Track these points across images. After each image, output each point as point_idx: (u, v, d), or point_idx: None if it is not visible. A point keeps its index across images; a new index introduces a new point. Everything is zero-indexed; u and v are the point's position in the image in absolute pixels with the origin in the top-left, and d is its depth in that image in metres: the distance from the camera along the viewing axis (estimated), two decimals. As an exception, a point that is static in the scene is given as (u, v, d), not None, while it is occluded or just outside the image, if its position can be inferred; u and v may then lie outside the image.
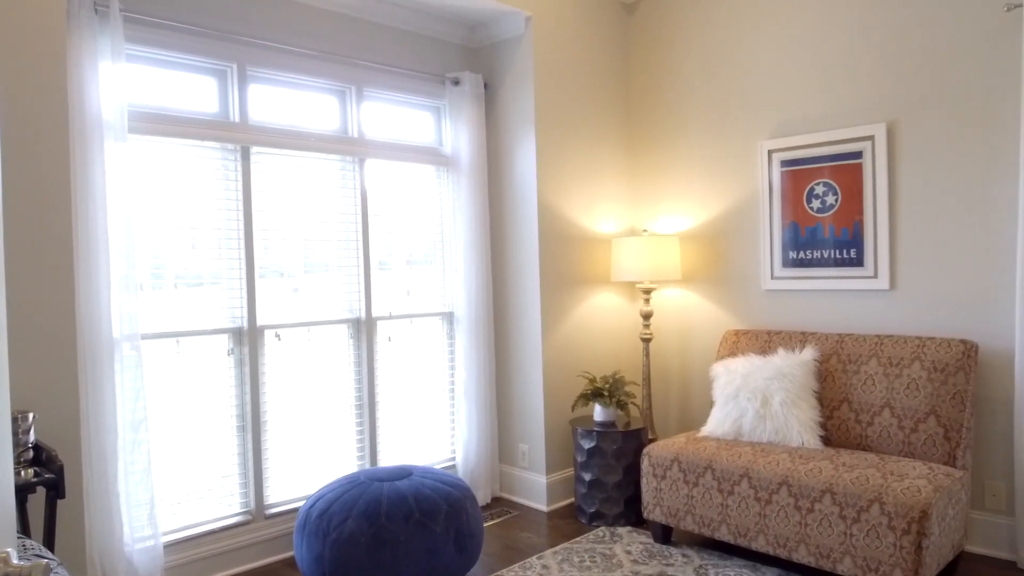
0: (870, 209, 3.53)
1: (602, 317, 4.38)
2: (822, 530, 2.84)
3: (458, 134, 4.10)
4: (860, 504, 2.75)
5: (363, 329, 3.80)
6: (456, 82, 4.09)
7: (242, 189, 3.35)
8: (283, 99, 3.54)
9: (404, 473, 3.08)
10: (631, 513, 3.75)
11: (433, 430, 4.16)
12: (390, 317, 3.93)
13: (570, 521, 3.85)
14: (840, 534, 2.79)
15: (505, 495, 4.27)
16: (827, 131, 3.66)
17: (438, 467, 4.12)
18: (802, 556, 2.91)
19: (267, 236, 3.46)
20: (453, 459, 4.20)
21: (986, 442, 3.25)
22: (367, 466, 3.82)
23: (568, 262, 4.18)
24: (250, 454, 3.37)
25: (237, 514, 3.36)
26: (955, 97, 3.29)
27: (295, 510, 3.51)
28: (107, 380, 2.81)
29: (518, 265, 4.14)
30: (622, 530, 3.66)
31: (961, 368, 3.07)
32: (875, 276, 3.53)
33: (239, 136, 3.32)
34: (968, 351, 3.09)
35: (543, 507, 4.04)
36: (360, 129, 3.79)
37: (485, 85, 4.22)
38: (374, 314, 3.85)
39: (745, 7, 3.98)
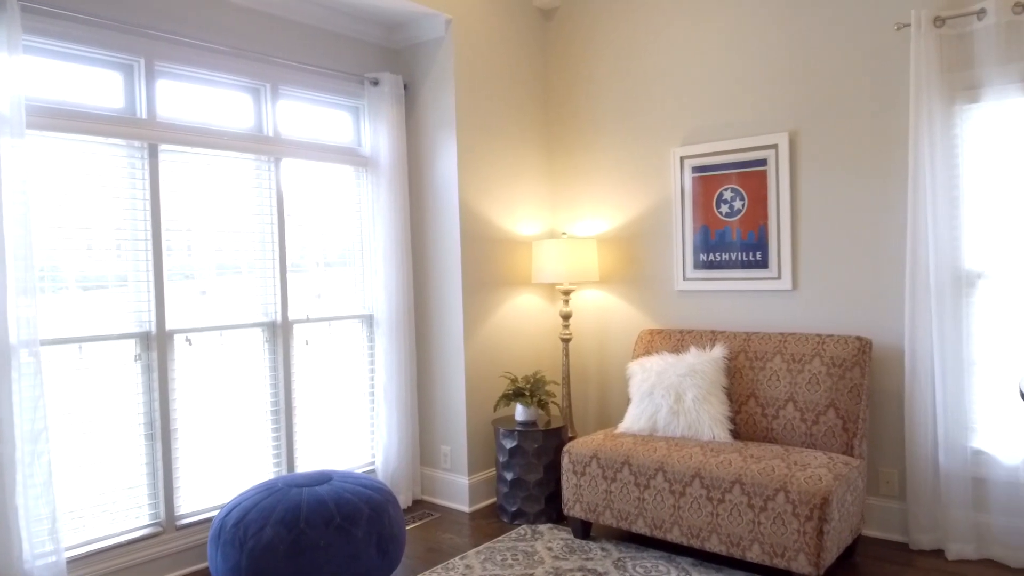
0: (774, 214, 3.72)
1: (523, 318, 4.43)
2: (732, 519, 2.97)
3: (377, 135, 4.07)
4: (767, 493, 2.89)
5: (279, 333, 3.71)
6: (375, 83, 4.06)
7: (150, 188, 3.23)
8: (194, 96, 3.43)
9: (324, 478, 3.03)
10: (552, 510, 3.81)
11: (352, 434, 4.11)
12: (307, 320, 3.86)
13: (492, 521, 3.88)
14: (749, 522, 2.93)
15: (427, 497, 4.26)
16: (734, 139, 3.84)
17: (358, 471, 4.08)
18: (714, 545, 3.04)
19: (177, 237, 3.35)
20: (373, 463, 4.16)
21: (880, 432, 3.48)
22: (284, 473, 3.74)
23: (490, 264, 4.21)
24: (159, 463, 3.24)
25: (146, 526, 3.22)
26: (851, 109, 3.51)
27: (209, 520, 3.39)
28: (3, 389, 2.65)
29: (440, 267, 4.14)
30: (543, 527, 3.72)
31: (857, 363, 3.28)
32: (779, 277, 3.72)
33: (146, 133, 3.20)
34: (863, 347, 3.30)
35: (465, 508, 4.05)
36: (275, 128, 3.71)
37: (405, 86, 4.21)
38: (291, 317, 3.77)
39: (656, 19, 4.12)
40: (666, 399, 3.50)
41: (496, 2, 4.25)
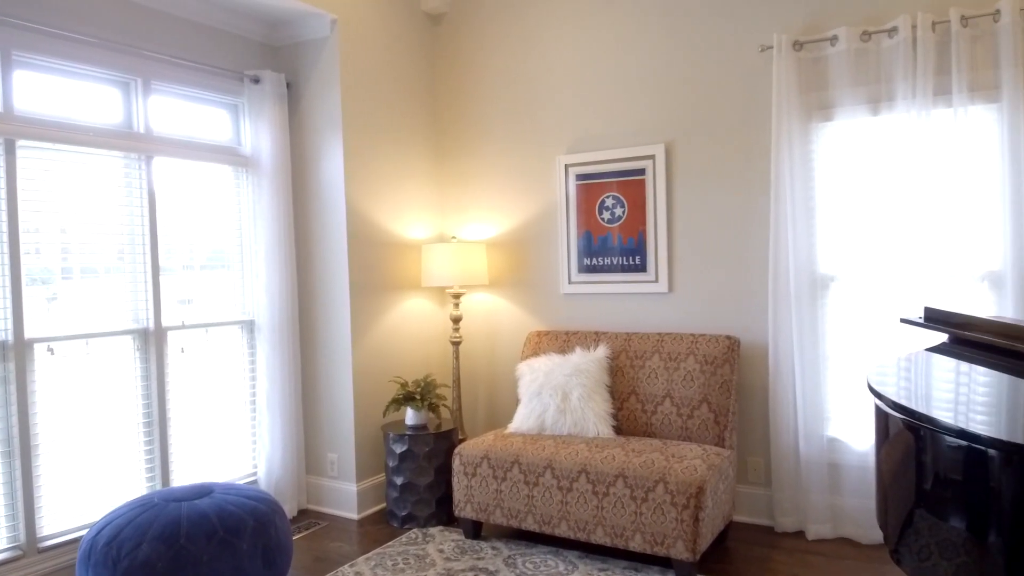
0: (652, 221, 3.93)
1: (413, 322, 4.42)
2: (616, 511, 3.11)
3: (259, 134, 3.95)
4: (648, 485, 3.04)
5: (151, 340, 3.52)
6: (256, 80, 3.94)
7: (6, 187, 2.98)
8: (57, 89, 3.20)
9: (204, 491, 2.90)
10: (443, 513, 3.83)
11: (233, 445, 3.95)
12: (183, 327, 3.68)
13: (382, 526, 3.85)
14: (631, 513, 3.07)
15: (312, 507, 4.16)
16: (616, 149, 4.01)
17: (240, 483, 3.92)
18: (599, 537, 3.16)
19: (36, 239, 3.11)
20: (255, 474, 4.02)
21: (748, 424, 3.74)
22: (159, 487, 3.54)
23: (378, 268, 4.18)
24: (18, 482, 2.99)
25: (4, 550, 2.96)
26: (721, 123, 3.76)
27: (76, 540, 3.16)
28: None
29: (326, 271, 4.07)
30: (434, 530, 3.73)
31: (727, 360, 3.51)
32: (656, 281, 3.92)
33: (1, 127, 2.95)
34: (732, 345, 3.54)
35: (354, 515, 3.99)
36: (147, 124, 3.52)
37: (288, 85, 4.10)
38: (164, 324, 3.58)
39: (543, 31, 4.25)
40: (553, 398, 3.61)
41: (383, 4, 4.23)
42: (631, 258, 3.99)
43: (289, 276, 4.03)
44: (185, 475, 3.68)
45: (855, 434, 3.46)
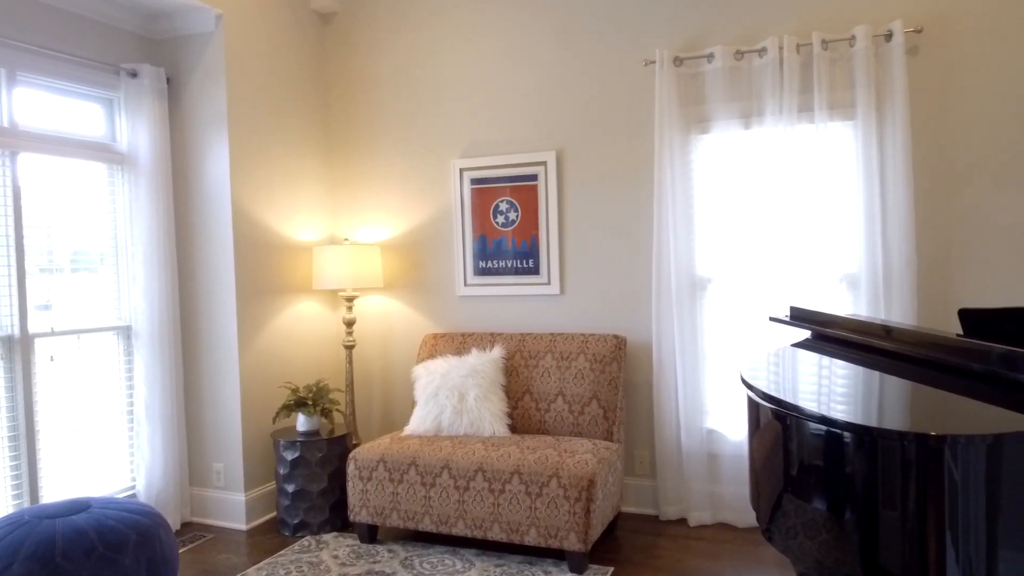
0: (544, 225, 4.05)
1: (304, 326, 4.33)
2: (512, 508, 3.19)
3: (136, 131, 3.76)
4: (542, 480, 3.14)
5: (17, 348, 3.28)
6: (133, 74, 3.75)
7: None
8: (-95, 73, 2.93)
9: (81, 506, 2.74)
10: (337, 519, 3.78)
11: (110, 457, 3.74)
12: (52, 334, 3.45)
13: (272, 536, 3.75)
14: (527, 509, 3.16)
15: (197, 519, 3.99)
16: (509, 155, 4.11)
17: (120, 496, 3.71)
18: (496, 534, 3.23)
19: None
20: (134, 487, 3.81)
21: (634, 419, 3.93)
22: (28, 504, 3.30)
23: (267, 270, 4.07)
24: None
25: None
26: (608, 133, 3.93)
27: (-73, 569, 2.89)
28: None
29: (211, 274, 3.92)
30: (328, 536, 3.68)
31: (615, 359, 3.67)
32: (549, 283, 4.05)
33: None
34: (619, 344, 3.71)
35: (242, 526, 3.87)
36: (11, 118, 3.28)
37: (168, 80, 3.93)
38: (31, 330, 3.34)
39: (437, 35, 4.29)
40: (450, 399, 3.65)
41: (271, 1, 4.13)
42: (525, 261, 4.09)
43: (170, 279, 3.86)
44: (57, 491, 3.44)
45: (731, 425, 3.71)
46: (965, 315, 2.68)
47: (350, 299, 4.24)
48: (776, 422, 2.02)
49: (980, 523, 1.55)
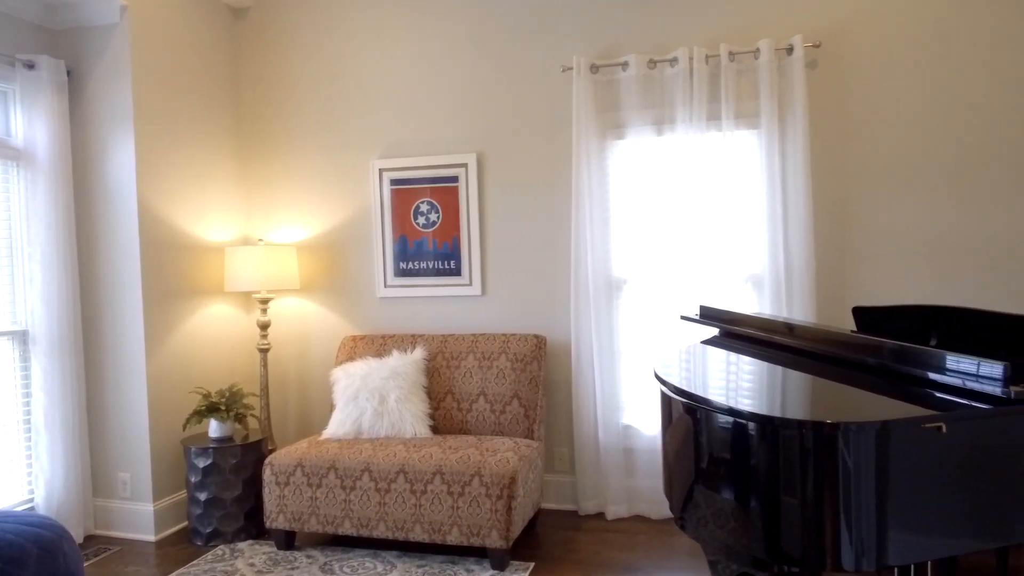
0: (465, 227, 4.07)
1: (216, 329, 4.20)
2: (434, 508, 3.20)
3: (33, 125, 3.56)
4: (464, 480, 3.17)
5: (-101, 355, 3.05)
6: (30, 65, 3.55)
7: None
8: None
9: (-27, 522, 2.57)
10: (252, 526, 3.68)
11: (5, 468, 3.52)
12: (-60, 339, 3.23)
13: (184, 546, 3.62)
14: (449, 508, 3.18)
15: (101, 532, 3.81)
16: (430, 156, 4.12)
17: (18, 510, 3.50)
18: (418, 535, 3.23)
19: None
20: (32, 499, 3.61)
21: (554, 416, 4.00)
22: (-90, 525, 3.07)
23: (176, 272, 3.93)
24: None
25: None
26: (528, 136, 4.00)
27: None
28: None
29: (115, 276, 3.75)
30: (243, 545, 3.58)
31: (535, 358, 3.74)
32: (470, 284, 4.07)
33: None
34: (540, 344, 3.78)
35: (151, 537, 3.72)
36: None
37: (69, 72, 3.74)
38: (-84, 336, 3.12)
39: (355, 34, 4.25)
40: (371, 402, 3.62)
41: (182, -7, 4.00)
42: (446, 262, 4.11)
43: (70, 282, 3.67)
44: (-58, 509, 3.22)
45: (646, 421, 3.84)
46: (859, 313, 2.88)
47: (264, 301, 4.15)
48: (687, 416, 2.12)
49: (871, 506, 1.68)
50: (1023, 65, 3.40)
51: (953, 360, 1.80)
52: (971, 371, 1.76)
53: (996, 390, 1.68)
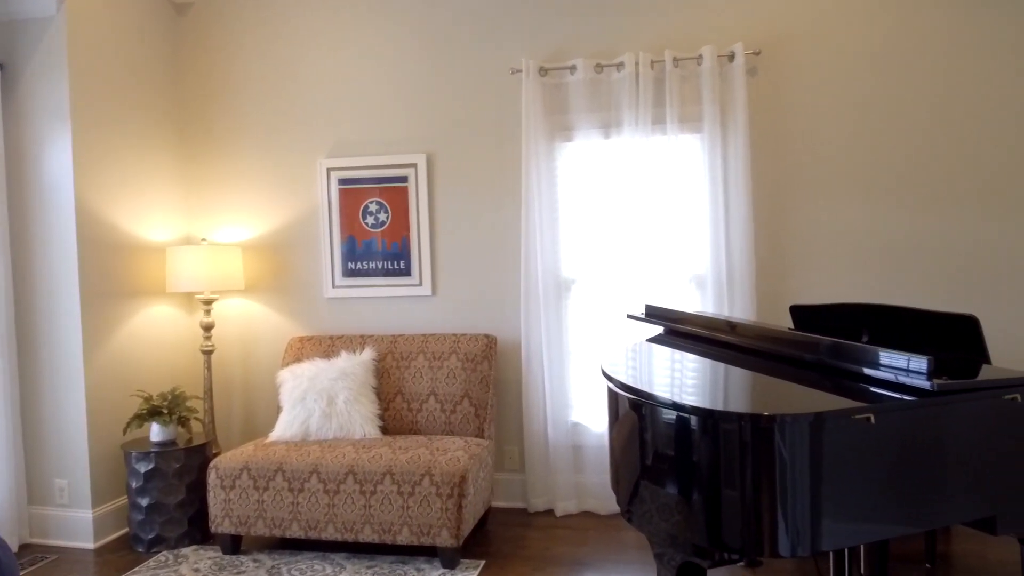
0: (415, 227, 4.07)
1: (158, 331, 4.11)
2: (384, 508, 3.19)
3: (-36, 119, 3.43)
4: (414, 479, 3.17)
5: None
6: (-40, 56, 3.41)
7: None
8: None
9: (-102, 533, 2.47)
10: (197, 531, 3.61)
11: (-68, 479, 3.38)
12: None
13: (125, 553, 3.53)
14: (399, 508, 3.18)
15: (37, 540, 3.68)
16: (379, 156, 4.10)
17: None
18: (368, 535, 3.22)
19: None
20: (-38, 511, 3.47)
21: (504, 415, 4.04)
22: None
23: (116, 273, 3.83)
24: None
25: None
26: (478, 137, 4.02)
27: None
28: None
29: (51, 276, 3.63)
30: (187, 550, 3.51)
31: (486, 358, 3.77)
32: (420, 284, 4.08)
33: None
34: (490, 344, 3.81)
35: (89, 545, 3.61)
36: None
37: (1, 67, 3.61)
38: None
39: (302, 30, 4.20)
40: (319, 403, 3.59)
41: (122, -14, 3.90)
42: (396, 262, 4.10)
43: (3, 283, 3.54)
44: None
45: (594, 418, 3.90)
46: (796, 311, 2.99)
47: (208, 302, 4.07)
48: (633, 413, 2.17)
49: (805, 495, 1.76)
50: (952, 74, 3.58)
51: (885, 356, 1.90)
52: (901, 366, 1.86)
53: (923, 383, 1.77)
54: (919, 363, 1.80)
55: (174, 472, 3.54)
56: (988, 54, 3.54)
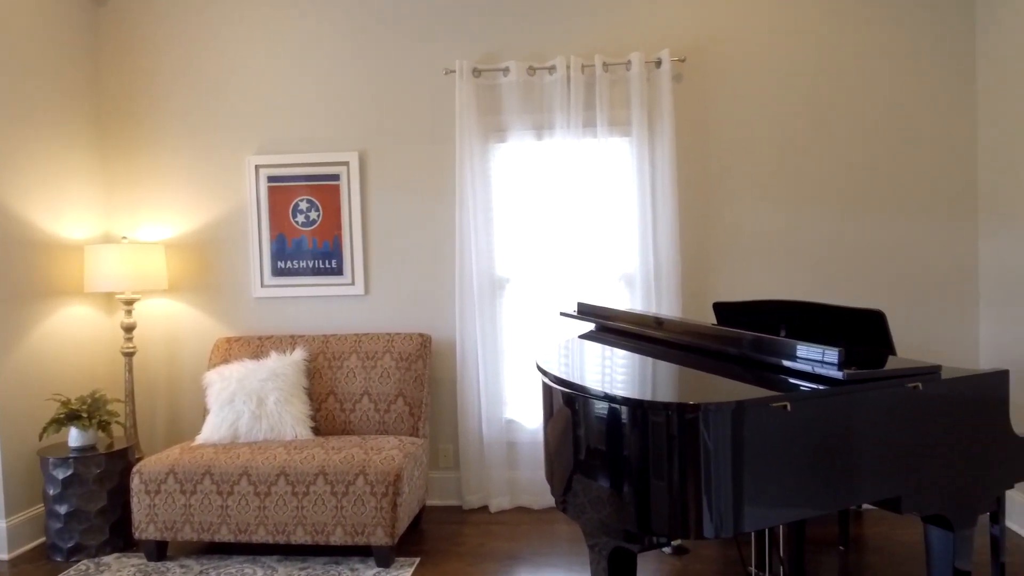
0: (347, 225, 4.04)
1: (75, 332, 3.94)
2: (317, 509, 3.16)
3: None
4: (348, 479, 3.16)
5: None
6: None
7: None
8: None
9: None
10: (119, 539, 3.49)
11: None
12: None
13: (42, 563, 3.37)
14: (332, 509, 3.15)
15: (-58, 556, 3.48)
16: (310, 153, 4.05)
17: None
18: (300, 537, 3.18)
19: None
20: None
21: (439, 414, 4.05)
22: None
23: (29, 272, 3.66)
24: None
25: None
26: (412, 136, 4.03)
27: None
28: None
29: (-41, 274, 3.45)
30: (109, 558, 3.39)
31: (420, 356, 3.78)
32: (353, 283, 4.05)
33: None
34: (424, 342, 3.82)
35: (3, 555, 3.43)
36: None
37: (-98, 51, 3.41)
38: None
39: (229, 24, 4.11)
40: (248, 404, 3.53)
41: (36, -28, 3.73)
42: (327, 261, 4.06)
43: (-95, 281, 3.34)
44: None
45: (528, 414, 3.96)
46: (718, 308, 3.13)
47: (129, 302, 3.94)
48: (566, 408, 2.23)
49: (728, 480, 1.85)
50: (864, 85, 3.80)
51: (802, 349, 2.01)
52: (816, 358, 1.98)
53: (835, 373, 1.89)
54: (832, 355, 1.93)
55: (94, 478, 3.41)
56: (902, 69, 3.78)
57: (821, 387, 1.93)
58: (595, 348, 2.75)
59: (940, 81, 3.77)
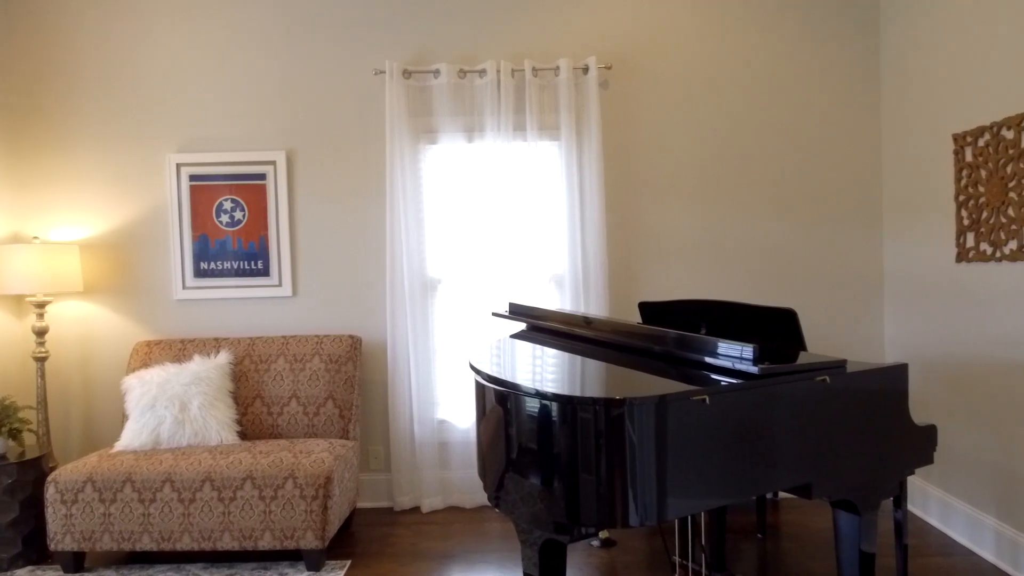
0: (274, 226, 3.98)
1: (-19, 337, 3.74)
2: (244, 514, 3.11)
3: None
4: (277, 483, 3.11)
5: None
6: None
7: None
8: None
9: None
10: (32, 551, 3.33)
11: None
12: None
13: (-56, 583, 3.20)
14: (261, 513, 3.10)
15: None
16: (234, 152, 3.97)
17: None
18: (227, 543, 3.12)
19: None
20: None
21: (370, 416, 4.03)
22: None
23: (-70, 272, 3.45)
24: None
25: None
26: (341, 137, 3.99)
27: None
28: None
29: None
30: (22, 572, 3.23)
31: (350, 359, 3.75)
32: (280, 285, 3.99)
33: None
34: (355, 344, 3.80)
35: (-100, 577, 3.24)
36: None
37: None
38: None
39: (149, 14, 3.98)
40: (170, 410, 3.43)
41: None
42: (253, 262, 3.98)
43: None
44: None
45: (459, 415, 3.99)
46: (643, 307, 3.23)
47: (41, 305, 3.76)
48: (499, 406, 2.28)
49: (651, 471, 1.93)
50: (781, 93, 3.99)
51: (724, 346, 2.12)
52: (735, 354, 2.08)
53: (751, 368, 2.00)
54: (748, 351, 2.04)
55: (5, 488, 3.25)
56: (812, 79, 4.00)
57: (737, 381, 2.04)
58: (526, 347, 2.80)
59: (847, 91, 4.00)
